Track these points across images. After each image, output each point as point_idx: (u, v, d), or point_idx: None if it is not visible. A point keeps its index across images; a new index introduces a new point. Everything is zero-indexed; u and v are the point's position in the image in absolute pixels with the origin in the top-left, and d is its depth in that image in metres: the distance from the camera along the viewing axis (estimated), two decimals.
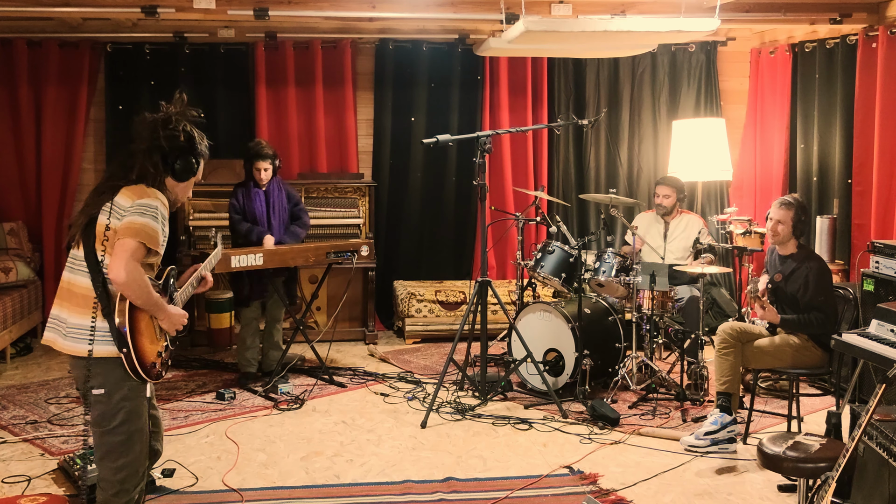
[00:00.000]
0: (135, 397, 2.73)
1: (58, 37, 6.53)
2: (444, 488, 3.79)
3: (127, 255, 2.56)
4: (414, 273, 7.09)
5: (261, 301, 5.38)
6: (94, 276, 2.63)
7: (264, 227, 5.32)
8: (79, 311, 2.66)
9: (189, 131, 2.78)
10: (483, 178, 4.86)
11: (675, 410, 4.83)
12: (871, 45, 5.82)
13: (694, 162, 6.38)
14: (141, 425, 2.77)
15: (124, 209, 2.63)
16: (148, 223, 2.61)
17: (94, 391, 2.67)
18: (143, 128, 2.74)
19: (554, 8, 5.60)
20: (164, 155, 2.73)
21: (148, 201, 2.64)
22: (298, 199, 5.59)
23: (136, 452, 2.75)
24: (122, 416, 2.69)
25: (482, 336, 5.01)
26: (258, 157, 5.23)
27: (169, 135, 2.73)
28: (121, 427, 2.70)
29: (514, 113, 7.12)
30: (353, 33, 6.87)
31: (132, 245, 2.58)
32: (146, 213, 2.62)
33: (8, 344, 5.85)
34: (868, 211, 5.84)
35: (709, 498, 3.73)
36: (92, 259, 2.64)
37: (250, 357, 5.39)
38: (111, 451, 2.72)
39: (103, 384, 2.67)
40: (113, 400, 2.68)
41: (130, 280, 2.57)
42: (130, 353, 2.63)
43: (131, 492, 2.76)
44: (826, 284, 4.25)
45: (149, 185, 2.70)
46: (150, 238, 2.61)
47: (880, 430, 2.87)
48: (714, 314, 6.63)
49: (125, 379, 2.68)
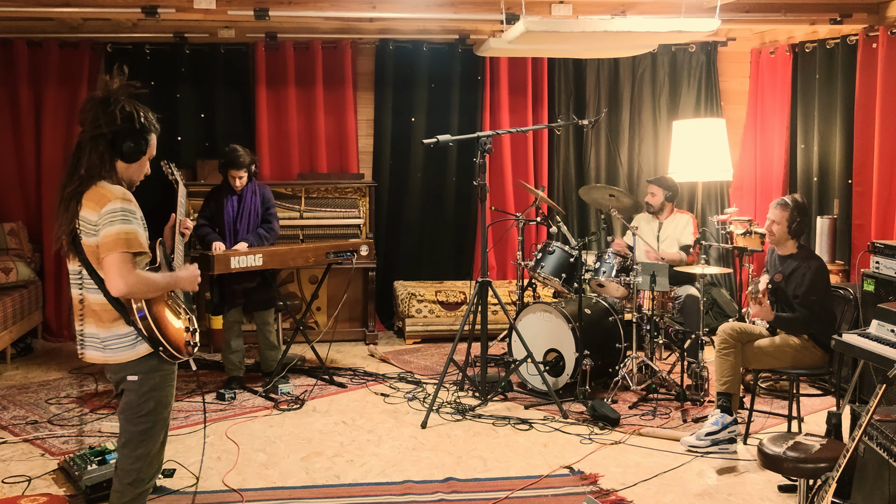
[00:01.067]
0: (164, 386, 2.78)
1: (58, 37, 6.53)
2: (444, 488, 3.79)
3: (115, 270, 2.57)
4: (414, 273, 7.09)
5: (237, 307, 5.30)
6: (105, 292, 2.65)
7: (230, 232, 5.24)
8: (109, 325, 2.69)
9: (129, 110, 2.68)
10: (483, 178, 4.86)
11: (676, 411, 4.83)
12: (872, 45, 5.82)
13: (694, 162, 6.38)
14: (166, 415, 2.82)
15: (94, 224, 2.60)
16: (121, 230, 2.59)
17: (128, 377, 2.71)
18: (86, 114, 2.68)
19: (554, 8, 5.60)
20: (109, 141, 2.67)
21: (109, 207, 2.60)
22: (272, 204, 5.45)
23: (157, 443, 2.80)
24: (151, 404, 2.74)
25: (482, 336, 5.01)
26: (233, 165, 5.14)
27: (109, 119, 2.65)
28: (148, 416, 2.75)
29: (514, 113, 7.12)
30: (354, 33, 6.87)
31: (117, 259, 2.57)
32: (115, 220, 2.59)
33: (8, 344, 5.85)
34: (868, 211, 5.84)
35: (709, 498, 3.73)
36: (96, 276, 2.65)
37: (235, 360, 5.30)
38: (133, 439, 2.76)
39: (137, 372, 2.72)
40: (144, 388, 2.73)
41: (132, 289, 2.60)
42: (167, 347, 2.69)
43: (146, 482, 2.80)
44: (820, 284, 4.25)
45: (100, 178, 2.65)
46: (130, 243, 2.60)
47: (880, 431, 2.87)
48: (714, 314, 6.63)
49: (157, 369, 2.74)
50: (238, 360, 5.32)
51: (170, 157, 6.52)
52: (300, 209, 6.55)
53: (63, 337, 6.64)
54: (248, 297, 5.29)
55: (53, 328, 6.65)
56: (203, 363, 5.99)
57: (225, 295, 5.22)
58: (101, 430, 4.54)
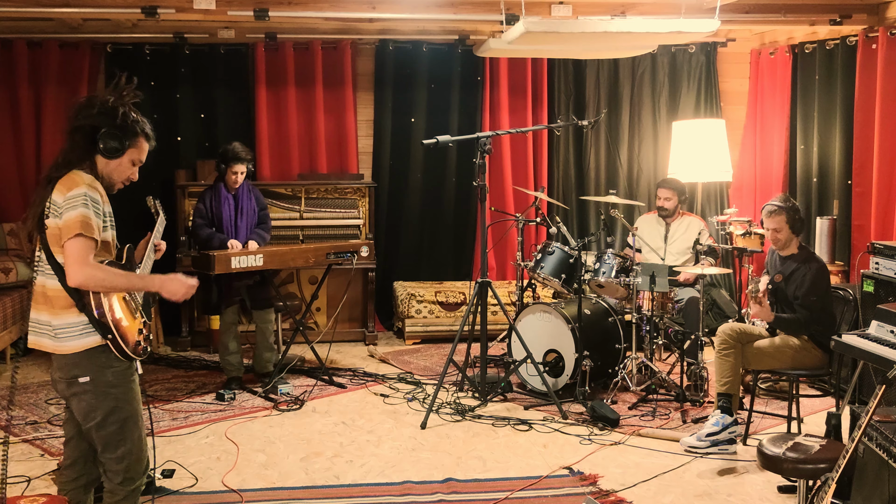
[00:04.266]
0: (121, 383, 2.71)
1: (58, 37, 6.53)
2: (443, 489, 3.79)
3: (74, 256, 2.56)
4: (414, 274, 7.09)
5: (238, 305, 5.32)
6: (60, 278, 2.63)
7: (231, 231, 5.26)
8: (60, 312, 2.66)
9: (111, 105, 2.68)
10: (483, 178, 4.86)
11: (675, 411, 4.83)
12: (871, 46, 5.82)
13: (694, 163, 6.38)
14: (132, 411, 2.74)
15: (59, 206, 2.61)
16: (79, 214, 2.58)
17: (79, 380, 2.66)
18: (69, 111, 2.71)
19: (554, 9, 5.60)
20: (85, 133, 2.67)
21: (74, 192, 2.60)
22: (265, 205, 5.52)
23: (135, 438, 2.75)
24: (110, 402, 2.69)
25: (482, 337, 5.01)
26: (237, 160, 5.14)
27: (88, 112, 2.67)
28: (111, 417, 2.69)
29: (514, 114, 7.12)
30: (353, 34, 6.87)
31: (77, 245, 2.57)
32: (76, 206, 2.59)
33: (8, 344, 5.85)
34: (868, 212, 5.84)
35: (709, 499, 3.73)
36: (53, 262, 2.64)
37: (233, 362, 5.29)
38: (109, 443, 2.72)
39: (87, 372, 2.67)
40: (99, 388, 2.67)
41: (88, 280, 2.59)
42: (116, 337, 2.64)
43: (136, 479, 2.77)
44: (820, 286, 4.25)
45: (75, 167, 2.65)
46: (85, 227, 2.58)
47: (880, 431, 2.87)
48: (714, 315, 6.62)
49: (108, 365, 2.68)
50: (236, 361, 5.31)
51: (170, 156, 6.65)
52: (300, 209, 6.55)
53: None
54: (249, 294, 5.29)
55: None
56: (202, 364, 5.99)
57: (223, 292, 5.23)
58: None
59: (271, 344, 5.49)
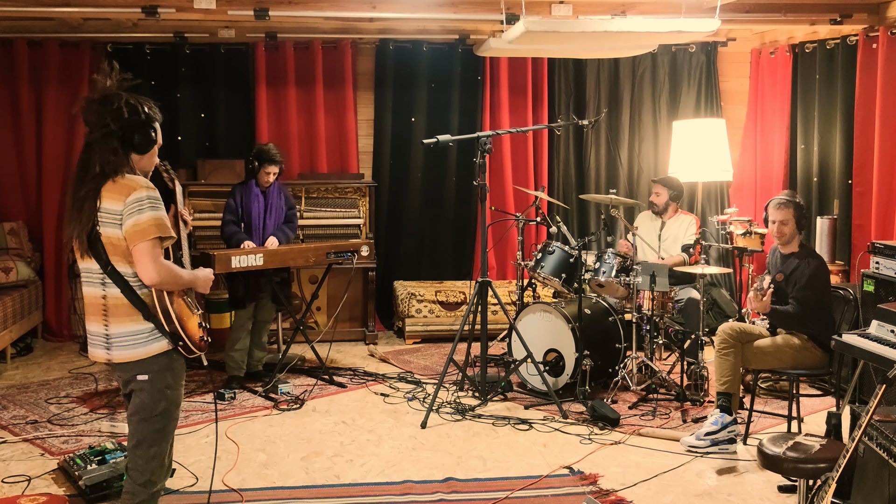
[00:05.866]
0: (176, 386, 2.79)
1: (58, 37, 6.53)
2: (444, 489, 3.79)
3: (149, 258, 2.60)
4: (414, 273, 7.09)
5: (256, 301, 5.35)
6: (123, 288, 2.65)
7: (259, 227, 5.33)
8: (123, 321, 2.69)
9: (132, 103, 2.71)
10: (483, 178, 4.86)
11: (675, 411, 4.83)
12: (872, 45, 5.82)
13: (694, 162, 6.38)
14: (177, 415, 2.84)
15: (118, 214, 2.61)
16: (150, 217, 2.62)
17: (138, 377, 2.71)
18: (90, 115, 2.70)
19: (554, 8, 5.60)
20: (120, 137, 2.68)
21: (135, 195, 2.62)
22: (294, 204, 5.65)
23: (168, 443, 2.82)
24: (163, 404, 2.75)
25: (482, 336, 5.01)
26: (270, 161, 5.27)
27: (115, 115, 2.67)
28: (161, 416, 2.75)
29: (514, 113, 7.12)
30: (354, 33, 6.87)
31: (149, 247, 2.60)
32: (143, 209, 2.61)
33: (8, 344, 5.85)
34: (868, 211, 5.84)
35: (709, 498, 3.73)
36: (113, 273, 2.65)
37: (237, 358, 5.31)
38: (146, 439, 2.76)
39: (147, 370, 2.72)
40: (156, 387, 2.73)
41: (164, 278, 2.64)
42: (186, 342, 2.72)
43: (158, 483, 2.80)
44: (817, 281, 4.24)
45: (118, 174, 2.66)
46: (161, 228, 2.63)
47: (880, 431, 2.87)
48: (714, 315, 6.63)
49: (169, 367, 2.75)
50: (240, 358, 5.34)
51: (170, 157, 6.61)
52: (300, 209, 6.55)
53: (63, 337, 6.65)
54: (280, 290, 5.36)
55: (53, 328, 6.65)
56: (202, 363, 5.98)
57: (249, 288, 5.26)
58: (100, 430, 4.54)
59: (264, 343, 5.51)
